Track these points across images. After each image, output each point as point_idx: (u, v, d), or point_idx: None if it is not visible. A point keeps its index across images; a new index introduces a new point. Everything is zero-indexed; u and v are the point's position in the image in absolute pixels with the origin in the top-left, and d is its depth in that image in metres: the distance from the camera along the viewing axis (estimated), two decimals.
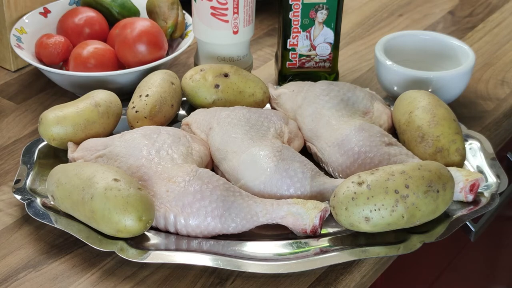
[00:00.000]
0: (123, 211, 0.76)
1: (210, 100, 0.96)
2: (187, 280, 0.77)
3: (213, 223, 0.79)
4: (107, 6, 1.11)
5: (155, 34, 1.04)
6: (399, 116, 0.93)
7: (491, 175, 0.88)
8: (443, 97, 0.99)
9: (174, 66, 1.14)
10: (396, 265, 0.87)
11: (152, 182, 0.82)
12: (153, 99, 0.93)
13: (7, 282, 0.77)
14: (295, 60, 1.05)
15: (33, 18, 1.10)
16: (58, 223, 0.80)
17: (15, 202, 0.87)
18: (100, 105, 0.91)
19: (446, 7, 1.32)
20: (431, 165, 0.80)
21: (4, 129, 1.00)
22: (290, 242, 0.79)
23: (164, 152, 0.85)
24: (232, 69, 0.98)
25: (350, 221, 0.78)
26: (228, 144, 0.87)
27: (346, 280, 0.78)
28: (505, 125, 1.03)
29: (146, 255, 0.77)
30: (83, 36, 1.08)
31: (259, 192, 0.83)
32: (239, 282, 0.77)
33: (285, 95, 0.98)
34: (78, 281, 0.77)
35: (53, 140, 0.90)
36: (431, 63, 1.08)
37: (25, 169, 0.88)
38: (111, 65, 1.04)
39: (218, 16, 1.00)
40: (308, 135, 0.93)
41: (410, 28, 1.25)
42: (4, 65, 1.13)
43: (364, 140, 0.87)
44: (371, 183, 0.78)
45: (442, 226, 0.80)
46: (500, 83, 1.11)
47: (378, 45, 1.05)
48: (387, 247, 0.78)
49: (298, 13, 1.01)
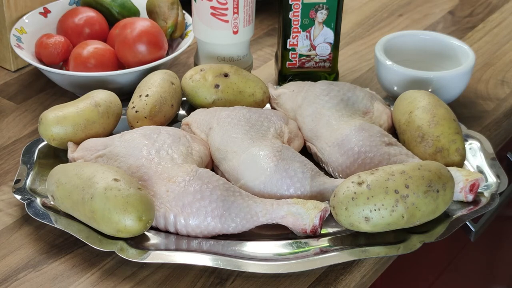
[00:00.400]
0: (123, 211, 0.76)
1: (210, 100, 0.96)
2: (187, 280, 0.77)
3: (213, 223, 0.79)
4: (107, 6, 1.11)
5: (155, 34, 1.04)
6: (399, 116, 0.93)
7: (491, 175, 0.88)
8: (443, 97, 0.99)
9: (174, 66, 1.14)
10: (396, 265, 0.87)
11: (152, 182, 0.82)
12: (153, 99, 0.93)
13: (7, 282, 0.77)
14: (295, 60, 1.05)
15: (33, 18, 1.10)
16: (58, 223, 0.80)
17: (15, 202, 0.87)
18: (100, 105, 0.91)
19: (446, 7, 1.32)
20: (431, 165, 0.80)
21: (4, 129, 1.00)
22: (290, 242, 0.79)
23: (164, 152, 0.84)
24: (232, 69, 0.98)
25: (350, 221, 0.78)
26: (228, 144, 0.87)
27: (346, 280, 0.78)
28: (505, 125, 1.03)
29: (146, 255, 0.77)
30: (83, 36, 1.08)
31: (259, 192, 0.83)
32: (239, 282, 0.77)
33: (285, 95, 0.98)
34: (78, 281, 0.77)
35: (53, 140, 0.90)
36: (431, 63, 1.08)
37: (25, 169, 0.88)
38: (111, 65, 1.04)
39: (218, 16, 1.00)
40: (308, 135, 0.93)
41: (410, 28, 1.25)
42: (4, 65, 1.13)
43: (364, 140, 0.87)
44: (371, 183, 0.77)
45: (442, 226, 0.80)
46: (500, 83, 1.11)
47: (378, 45, 1.05)
48: (387, 247, 0.78)
49: (298, 13, 1.01)
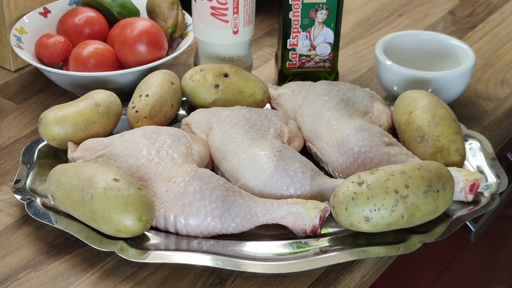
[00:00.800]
0: (123, 211, 0.76)
1: (210, 100, 0.96)
2: (187, 280, 0.77)
3: (213, 223, 0.79)
4: (107, 6, 1.11)
5: (155, 34, 1.04)
6: (399, 116, 0.93)
7: (491, 175, 0.88)
8: (443, 97, 0.99)
9: (174, 66, 1.14)
10: (396, 265, 0.86)
11: (152, 182, 0.82)
12: (153, 99, 0.93)
13: (7, 282, 0.77)
14: (295, 60, 1.05)
15: (33, 18, 1.10)
16: (58, 223, 0.80)
17: (15, 202, 0.87)
18: (100, 105, 0.91)
19: (446, 7, 1.32)
20: (431, 165, 0.80)
21: (4, 129, 1.00)
22: (290, 242, 0.79)
23: (164, 152, 0.84)
24: (232, 69, 0.98)
25: (350, 221, 0.78)
26: (228, 144, 0.87)
27: (346, 280, 0.78)
28: (505, 125, 1.03)
29: (146, 255, 0.77)
30: (83, 36, 1.08)
31: (259, 192, 0.83)
32: (239, 282, 0.77)
33: (285, 95, 0.98)
34: (78, 281, 0.77)
35: (53, 140, 0.90)
36: (431, 63, 1.08)
37: (25, 169, 0.88)
38: (111, 65, 1.04)
39: (218, 16, 1.00)
40: (308, 135, 0.93)
41: (410, 28, 1.25)
42: (4, 65, 1.13)
43: (364, 140, 0.87)
44: (371, 183, 0.77)
45: (442, 226, 0.80)
46: (500, 83, 1.11)
47: (378, 45, 1.05)
48: (387, 247, 0.78)
49: (298, 13, 1.01)
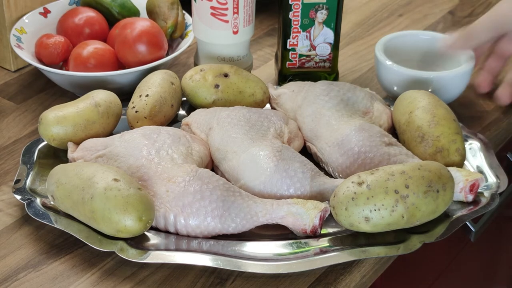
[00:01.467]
0: (123, 211, 0.76)
1: (210, 100, 0.96)
2: (187, 280, 0.77)
3: (213, 223, 0.79)
4: (107, 6, 1.11)
5: (155, 34, 1.04)
6: (399, 116, 0.93)
7: (491, 175, 0.88)
8: (443, 97, 0.99)
9: (174, 66, 1.14)
10: (396, 265, 0.86)
11: (152, 182, 0.82)
12: (153, 99, 0.93)
13: (7, 282, 0.77)
14: (295, 60, 1.05)
15: (33, 18, 1.10)
16: (58, 223, 0.80)
17: (15, 202, 0.87)
18: (100, 105, 0.91)
19: (446, 7, 1.32)
20: (431, 165, 0.80)
21: (4, 129, 1.00)
22: (290, 242, 0.79)
23: (164, 152, 0.84)
24: (232, 69, 0.98)
25: (350, 221, 0.78)
26: (228, 144, 0.87)
27: (346, 280, 0.78)
28: (505, 125, 1.03)
29: (146, 255, 0.77)
30: (83, 36, 1.08)
31: (259, 192, 0.83)
32: (239, 282, 0.77)
33: (285, 95, 0.98)
34: (78, 281, 0.77)
35: (53, 140, 0.90)
36: (431, 63, 1.07)
37: (25, 169, 0.88)
38: (111, 65, 1.04)
39: (218, 16, 1.00)
40: (308, 135, 0.93)
41: (410, 28, 1.25)
42: (4, 65, 1.13)
43: (364, 140, 0.87)
44: (371, 183, 0.77)
45: (442, 226, 0.80)
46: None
47: (378, 45, 1.05)
48: (387, 247, 0.78)
49: (298, 13, 1.01)
